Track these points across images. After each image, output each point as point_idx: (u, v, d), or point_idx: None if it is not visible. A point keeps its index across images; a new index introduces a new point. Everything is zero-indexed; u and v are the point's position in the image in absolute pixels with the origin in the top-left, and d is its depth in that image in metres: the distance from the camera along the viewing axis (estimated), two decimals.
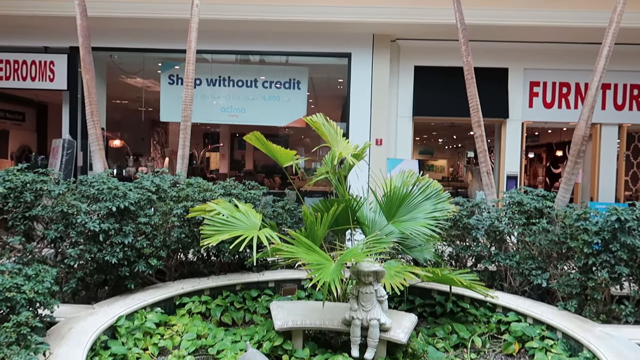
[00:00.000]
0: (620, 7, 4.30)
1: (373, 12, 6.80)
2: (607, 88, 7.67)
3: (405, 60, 7.67)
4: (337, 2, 6.82)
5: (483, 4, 6.67)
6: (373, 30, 7.26)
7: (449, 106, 7.57)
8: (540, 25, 6.75)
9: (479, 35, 7.10)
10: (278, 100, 7.77)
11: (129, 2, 6.82)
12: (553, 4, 6.73)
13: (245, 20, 6.91)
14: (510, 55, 7.62)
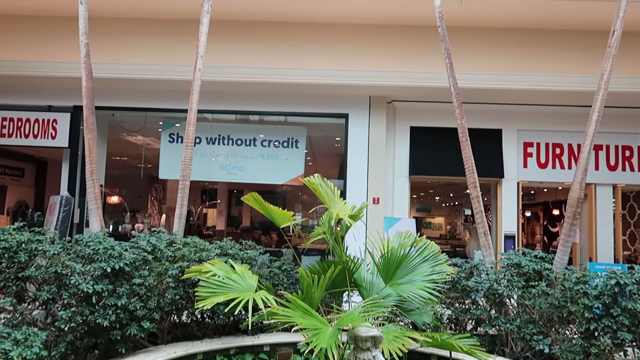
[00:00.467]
0: (606, 75, 4.47)
1: (370, 75, 7.04)
2: (599, 149, 7.82)
3: (401, 121, 7.85)
4: (335, 66, 7.07)
5: (476, 69, 6.93)
6: (370, 92, 7.48)
7: (444, 166, 7.68)
8: (531, 89, 6.98)
9: (473, 97, 7.33)
10: (276, 159, 7.88)
11: (132, 64, 7.05)
12: (543, 69, 7.00)
13: (246, 82, 7.13)
14: (503, 117, 7.82)
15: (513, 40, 7.13)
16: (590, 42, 6.92)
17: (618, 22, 4.46)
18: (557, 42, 7.12)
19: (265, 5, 6.89)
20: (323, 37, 7.19)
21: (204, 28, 4.93)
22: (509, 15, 6.91)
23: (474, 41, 7.11)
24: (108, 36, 7.09)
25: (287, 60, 7.08)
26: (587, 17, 6.80)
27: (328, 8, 6.91)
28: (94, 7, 6.05)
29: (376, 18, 7.08)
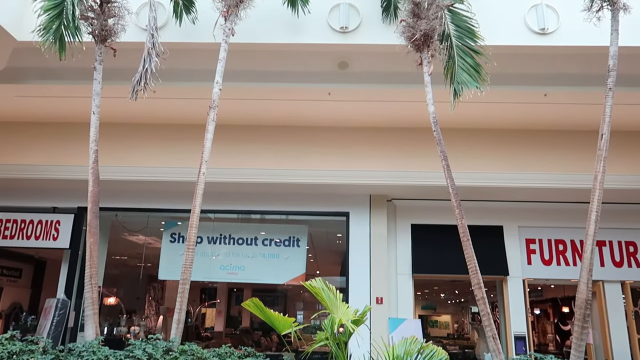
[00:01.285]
0: (600, 176, 4.58)
1: (369, 175, 7.22)
2: (602, 245, 7.79)
3: (402, 218, 7.91)
4: (335, 166, 7.28)
5: (473, 168, 7.12)
6: (370, 191, 7.63)
7: (448, 264, 7.59)
8: (528, 187, 7.12)
9: (473, 195, 7.45)
10: (277, 258, 7.83)
11: (138, 167, 7.27)
12: (539, 167, 7.19)
13: (249, 182, 7.30)
14: (504, 214, 7.89)
15: (508, 140, 7.42)
16: (583, 140, 7.18)
17: (605, 127, 4.66)
18: (552, 141, 7.40)
19: (268, 111, 7.26)
20: (323, 139, 7.48)
21: (209, 135, 5.15)
22: (502, 117, 7.25)
23: (471, 141, 7.39)
24: (114, 140, 7.38)
25: (289, 161, 7.31)
26: (579, 118, 7.12)
27: (327, 113, 7.27)
28: (101, 113, 6.37)
29: (374, 121, 7.42)
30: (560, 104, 6.91)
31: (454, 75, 5.67)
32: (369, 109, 7.12)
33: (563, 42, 6.10)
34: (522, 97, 6.74)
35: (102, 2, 5.09)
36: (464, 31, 5.82)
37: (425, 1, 5.67)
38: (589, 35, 5.70)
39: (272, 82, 6.63)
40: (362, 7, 6.25)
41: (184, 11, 5.95)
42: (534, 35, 6.14)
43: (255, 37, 6.11)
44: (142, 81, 4.88)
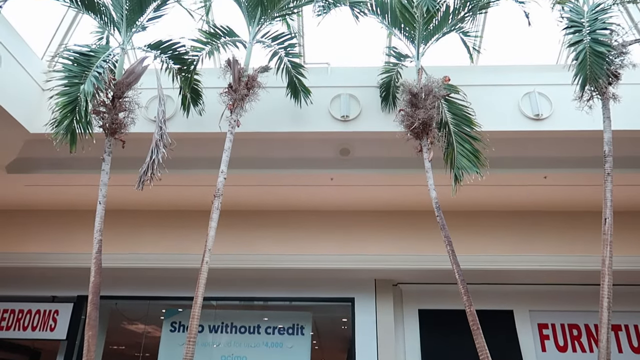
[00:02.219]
0: (607, 261, 4.53)
1: (374, 259, 7.16)
2: (618, 329, 7.50)
3: (409, 303, 7.71)
4: (339, 251, 7.24)
5: (479, 251, 7.07)
6: (375, 275, 7.51)
7: (460, 353, 7.24)
8: (537, 269, 7.01)
9: (480, 278, 7.30)
10: (281, 347, 7.54)
11: (139, 253, 7.25)
12: (547, 249, 7.13)
13: (252, 268, 7.23)
14: (513, 298, 7.69)
15: (512, 222, 7.42)
16: (588, 221, 7.16)
17: (607, 211, 4.67)
18: (556, 222, 7.41)
19: (271, 196, 7.35)
20: (327, 224, 7.50)
21: (213, 223, 5.17)
22: (504, 199, 7.30)
23: (475, 223, 7.39)
24: (115, 227, 7.38)
25: (292, 246, 7.28)
26: (581, 199, 7.16)
27: (330, 197, 7.35)
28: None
29: (377, 205, 7.48)
30: (561, 186, 6.98)
31: (453, 161, 5.80)
32: (371, 193, 7.20)
33: (558, 127, 6.29)
34: (522, 179, 6.83)
35: (114, 98, 5.33)
36: (460, 119, 6.03)
37: (422, 92, 5.92)
38: (583, 120, 5.86)
39: (276, 169, 6.77)
40: (361, 97, 6.52)
41: (191, 103, 6.21)
42: (529, 121, 6.34)
43: (259, 126, 6.34)
44: (148, 172, 4.99)
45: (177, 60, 5.97)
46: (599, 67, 4.76)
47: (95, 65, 5.01)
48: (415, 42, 6.40)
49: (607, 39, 4.91)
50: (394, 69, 6.54)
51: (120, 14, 5.71)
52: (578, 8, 5.29)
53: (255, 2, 5.98)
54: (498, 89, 6.59)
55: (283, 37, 6.30)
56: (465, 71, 6.82)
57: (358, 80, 6.66)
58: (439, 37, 6.46)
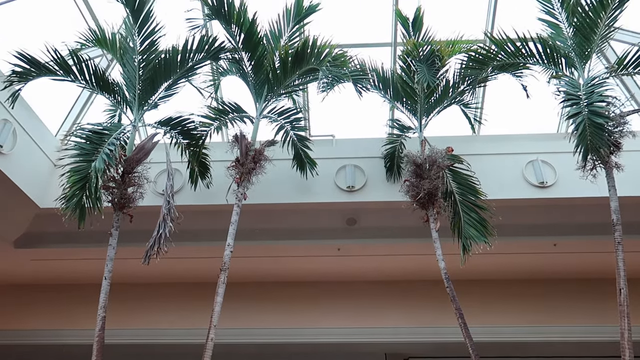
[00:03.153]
0: (626, 334, 4.36)
1: (384, 332, 6.97)
2: None
3: None
4: (347, 323, 7.06)
5: (490, 322, 6.86)
6: (385, 349, 7.27)
7: None
8: (548, 341, 6.77)
9: (493, 351, 7.02)
10: None
11: (141, 329, 7.13)
12: (561, 320, 6.91)
13: (256, 343, 7.02)
14: None
15: (524, 291, 7.29)
16: (603, 289, 6.97)
17: (621, 281, 4.57)
18: (569, 291, 7.25)
19: (278, 267, 7.28)
20: (334, 295, 7.38)
21: (219, 298, 5.09)
22: (515, 267, 7.18)
23: (486, 293, 7.27)
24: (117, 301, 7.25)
25: (299, 319, 7.13)
26: (593, 266, 7.02)
27: (338, 268, 7.26)
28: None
29: (385, 275, 7.39)
30: (571, 253, 6.88)
31: (461, 231, 5.79)
32: (379, 264, 7.12)
33: (563, 195, 6.32)
34: (532, 247, 6.76)
35: (124, 173, 5.43)
36: (465, 188, 6.08)
37: (427, 162, 6.01)
38: (588, 187, 5.85)
39: (282, 240, 6.76)
40: (366, 167, 6.62)
41: (199, 177, 6.31)
42: (534, 189, 6.39)
43: (266, 198, 6.39)
44: (155, 246, 4.99)
45: (186, 135, 6.14)
46: (599, 138, 4.84)
47: (107, 143, 5.16)
48: (417, 114, 6.58)
49: (604, 111, 5.02)
50: (398, 140, 6.68)
51: (132, 94, 5.95)
52: (574, 82, 5.46)
53: (262, 80, 6.24)
54: (502, 157, 6.69)
55: (289, 112, 6.50)
56: (468, 141, 6.95)
57: (362, 151, 6.79)
58: (440, 109, 6.65)
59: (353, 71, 6.27)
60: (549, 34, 5.89)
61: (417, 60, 6.30)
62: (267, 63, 6.20)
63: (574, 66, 5.63)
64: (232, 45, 6.12)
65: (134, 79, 5.94)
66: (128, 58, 5.98)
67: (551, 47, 5.72)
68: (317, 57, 5.97)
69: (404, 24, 6.44)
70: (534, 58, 5.82)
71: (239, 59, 6.23)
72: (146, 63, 5.96)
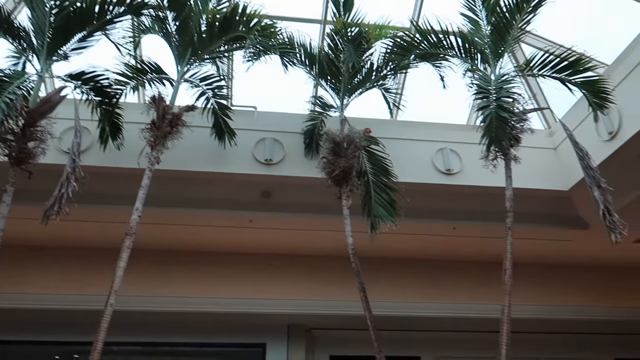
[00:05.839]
0: (506, 310, 4.86)
1: (288, 304, 7.12)
2: None
3: (321, 349, 7.70)
4: (253, 294, 7.14)
5: (392, 297, 7.27)
6: (288, 321, 7.45)
7: None
8: (443, 316, 7.31)
9: (392, 324, 7.45)
10: None
11: (33, 293, 6.70)
12: (455, 297, 7.50)
13: (158, 311, 6.91)
14: (422, 344, 7.93)
15: (425, 270, 7.81)
16: (494, 271, 7.57)
17: (507, 263, 5.06)
18: (466, 271, 7.85)
19: (185, 236, 7.16)
20: (243, 266, 7.41)
21: (122, 263, 4.91)
22: (418, 248, 7.64)
23: (390, 270, 7.68)
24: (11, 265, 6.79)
25: (205, 289, 7.11)
26: (488, 250, 7.61)
27: (249, 240, 7.30)
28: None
29: (295, 249, 7.52)
30: (469, 237, 7.43)
31: (371, 209, 6.03)
32: (289, 237, 7.24)
33: (466, 182, 6.78)
34: (434, 229, 7.20)
35: (24, 126, 5.02)
36: (379, 169, 6.33)
37: (345, 141, 6.16)
38: (489, 177, 6.32)
39: (195, 208, 6.65)
40: (286, 142, 6.66)
41: (110, 137, 6.00)
42: (441, 175, 6.79)
43: (181, 164, 6.24)
44: (56, 206, 4.69)
45: (99, 92, 5.78)
46: (503, 131, 5.25)
47: (7, 91, 4.73)
48: (340, 94, 6.70)
49: (510, 106, 5.46)
50: (319, 117, 6.78)
51: (41, 41, 5.46)
52: (486, 77, 5.86)
53: (186, 43, 6.01)
54: (415, 143, 7.02)
55: (212, 79, 6.34)
56: (386, 125, 7.21)
57: (283, 126, 6.81)
58: (362, 91, 6.83)
59: (281, 44, 6.23)
60: (469, 30, 6.22)
61: (344, 40, 6.39)
62: (193, 25, 5.97)
63: (488, 62, 6.00)
64: (156, 2, 5.82)
65: (43, 25, 5.44)
66: (38, 1, 5.47)
67: (470, 42, 6.06)
68: (245, 25, 5.85)
69: (335, 2, 6.48)
70: (453, 51, 6.14)
71: (164, 17, 5.94)
72: (59, 10, 5.46)
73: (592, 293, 8.15)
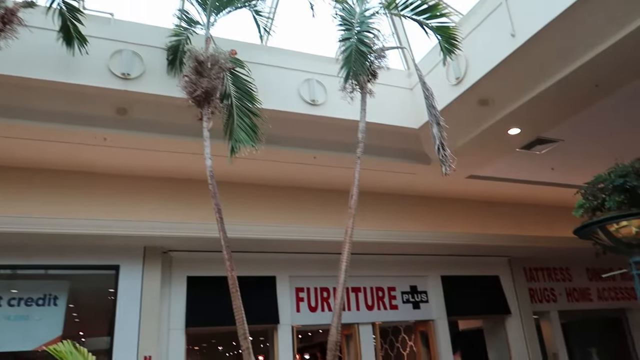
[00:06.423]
0: (349, 231, 5.33)
1: (143, 226, 6.94)
2: (358, 291, 8.86)
3: (178, 271, 7.73)
4: (106, 215, 6.82)
5: (249, 221, 7.47)
6: (144, 242, 7.31)
7: (223, 315, 7.52)
8: (297, 239, 7.76)
9: (248, 246, 7.75)
10: (27, 320, 6.74)
11: None
12: (309, 221, 7.95)
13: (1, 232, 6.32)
14: (277, 265, 8.37)
15: (282, 195, 8.08)
16: (343, 198, 8.19)
17: (354, 189, 5.49)
18: (325, 199, 8.29)
19: (31, 153, 6.52)
20: (94, 186, 7.00)
21: None
22: (278, 174, 7.88)
23: (248, 195, 7.82)
24: None
25: (52, 209, 6.59)
26: (343, 179, 8.13)
27: (103, 159, 6.87)
28: None
29: (152, 170, 7.27)
30: (327, 167, 7.82)
31: (232, 133, 6.02)
32: (147, 158, 6.96)
33: (329, 114, 7.02)
34: (295, 157, 7.44)
35: None
36: (243, 93, 6.28)
37: (209, 61, 5.95)
38: (351, 110, 6.62)
39: (40, 121, 6.02)
40: (146, 56, 6.23)
41: None
42: (306, 105, 6.93)
43: (20, 70, 5.54)
44: None
45: None
46: (361, 65, 5.50)
47: None
48: (207, 10, 6.37)
49: (370, 42, 5.69)
50: (184, 33, 6.43)
51: None
52: (352, 9, 5.99)
53: None
54: (282, 71, 7.02)
55: None
56: (255, 49, 7.07)
57: (144, 39, 6.32)
58: (231, 9, 6.58)
59: None
60: None
61: None
62: None
63: None
64: None
65: None
66: None
67: None
68: None
69: None
70: None
71: None
72: None
73: (428, 220, 9.23)
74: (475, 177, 8.84)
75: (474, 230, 9.32)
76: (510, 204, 10.25)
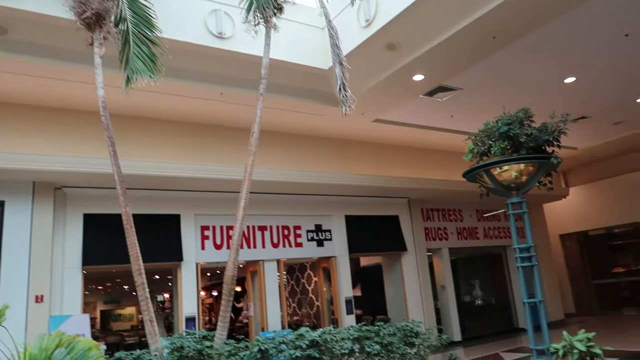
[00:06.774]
0: (249, 169, 5.32)
1: (33, 160, 6.43)
2: (264, 230, 8.98)
3: (73, 208, 7.33)
4: None
5: (149, 157, 7.20)
6: (33, 177, 6.80)
7: (122, 253, 7.38)
8: (201, 177, 7.60)
9: (151, 184, 7.48)
10: None
11: None
12: (214, 159, 7.80)
13: None
14: (181, 203, 8.20)
15: (185, 132, 7.81)
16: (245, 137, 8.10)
17: (255, 126, 5.43)
18: (227, 136, 8.12)
19: None
20: None
21: None
22: (181, 109, 7.56)
23: (147, 130, 7.52)
24: None
25: None
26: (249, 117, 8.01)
27: None
28: None
29: (39, 99, 6.67)
30: (235, 104, 7.62)
31: (128, 62, 5.62)
32: (32, 85, 6.36)
33: (236, 48, 6.74)
34: (200, 92, 7.16)
35: None
36: (141, 19, 5.83)
37: None
38: (259, 46, 6.39)
39: None
40: None
41: None
42: (212, 38, 6.59)
43: None
44: None
45: None
46: None
47: None
48: None
49: None
50: None
51: None
52: None
53: None
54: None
55: None
56: None
57: None
58: None
59: None
60: None
61: None
62: None
63: None
64: None
65: None
66: None
67: None
68: None
69: None
70: None
71: None
72: None
73: (334, 162, 9.45)
74: (381, 121, 9.12)
75: (378, 172, 9.71)
76: (411, 148, 10.77)
